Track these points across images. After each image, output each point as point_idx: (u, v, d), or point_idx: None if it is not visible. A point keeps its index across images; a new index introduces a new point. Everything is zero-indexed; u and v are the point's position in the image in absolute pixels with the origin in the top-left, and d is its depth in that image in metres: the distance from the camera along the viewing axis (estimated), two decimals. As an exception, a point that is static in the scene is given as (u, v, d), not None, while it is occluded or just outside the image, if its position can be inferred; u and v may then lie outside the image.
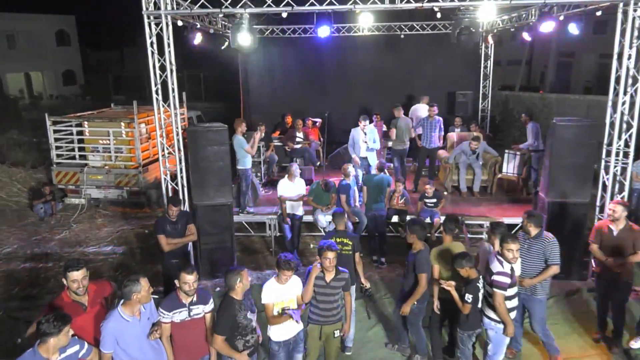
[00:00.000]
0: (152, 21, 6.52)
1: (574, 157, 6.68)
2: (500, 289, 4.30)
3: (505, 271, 4.33)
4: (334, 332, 4.57)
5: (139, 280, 3.70)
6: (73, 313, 3.56)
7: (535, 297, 4.92)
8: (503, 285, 4.30)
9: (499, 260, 4.40)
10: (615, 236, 5.16)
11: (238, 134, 7.95)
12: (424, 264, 4.85)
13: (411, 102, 11.97)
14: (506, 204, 8.90)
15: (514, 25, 9.98)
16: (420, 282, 4.86)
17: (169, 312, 3.91)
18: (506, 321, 4.34)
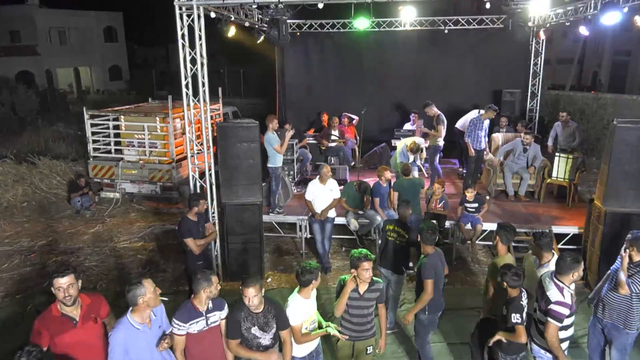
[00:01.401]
0: (183, 12, 6.31)
1: (636, 163, 6.04)
2: (556, 320, 3.75)
3: (566, 302, 3.76)
4: (366, 349, 4.21)
5: (142, 282, 3.43)
6: (61, 329, 3.32)
7: (624, 330, 4.32)
8: (561, 317, 3.75)
9: (558, 286, 3.81)
10: None
11: (269, 131, 7.67)
12: (430, 269, 4.47)
13: (453, 101, 11.40)
14: (555, 211, 8.24)
15: (570, 19, 9.22)
16: (425, 289, 4.48)
17: (185, 324, 3.63)
18: (558, 355, 3.83)
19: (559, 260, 3.90)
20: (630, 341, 4.40)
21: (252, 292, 3.61)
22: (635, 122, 6.21)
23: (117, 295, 6.68)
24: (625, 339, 4.36)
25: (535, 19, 10.43)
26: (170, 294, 6.69)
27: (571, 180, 8.64)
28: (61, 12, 31.66)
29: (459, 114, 10.48)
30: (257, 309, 3.68)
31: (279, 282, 7.22)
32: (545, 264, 4.43)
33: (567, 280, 3.83)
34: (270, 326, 3.73)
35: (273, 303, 3.82)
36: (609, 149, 6.24)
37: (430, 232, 4.62)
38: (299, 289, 3.93)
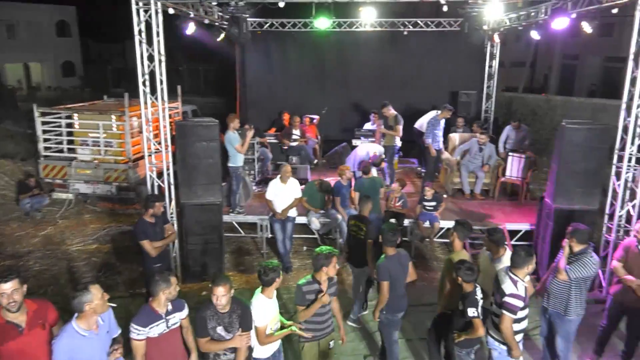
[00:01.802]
0: (140, 8, 6.15)
1: (583, 162, 6.33)
2: (510, 312, 3.90)
3: (520, 294, 3.93)
4: (329, 344, 4.26)
5: (89, 288, 3.29)
6: (6, 336, 3.17)
7: (566, 317, 4.54)
8: (515, 309, 3.91)
9: (513, 280, 3.98)
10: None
11: (230, 130, 7.58)
12: (385, 271, 4.53)
13: (412, 101, 11.63)
14: (509, 208, 8.55)
15: (522, 24, 9.59)
16: (380, 290, 4.53)
17: (144, 328, 3.52)
18: (512, 345, 3.98)
19: (513, 255, 4.07)
20: (573, 329, 4.63)
21: (222, 291, 3.57)
22: (582, 123, 6.52)
23: (69, 300, 6.45)
24: (568, 326, 4.57)
25: (490, 22, 10.77)
26: (127, 297, 6.53)
27: (523, 179, 8.99)
28: (9, 5, 30.13)
29: (417, 114, 10.68)
30: (223, 308, 3.64)
31: (240, 282, 7.15)
32: (499, 259, 4.59)
33: (521, 274, 4.00)
34: (234, 326, 3.69)
35: (240, 304, 3.78)
36: (557, 149, 6.53)
37: (391, 233, 4.67)
38: (262, 289, 3.90)
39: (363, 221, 5.84)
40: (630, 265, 4.81)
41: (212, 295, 3.60)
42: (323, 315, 4.15)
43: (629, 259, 4.84)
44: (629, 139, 6.11)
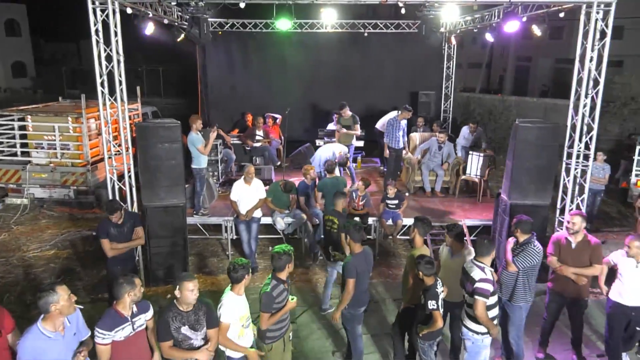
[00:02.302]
0: (97, 7, 6.02)
1: (535, 159, 6.62)
2: (483, 296, 4.08)
3: (489, 278, 4.14)
4: (289, 336, 4.36)
5: (55, 289, 3.22)
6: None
7: (517, 304, 4.77)
8: (486, 293, 4.09)
9: (480, 267, 4.19)
10: (574, 249, 4.97)
11: (193, 132, 7.52)
12: (352, 269, 4.61)
13: (373, 102, 11.83)
14: (468, 205, 8.85)
15: (477, 26, 9.94)
16: (346, 287, 4.62)
17: (109, 332, 3.47)
18: (489, 326, 4.14)
19: (478, 244, 4.30)
20: (522, 316, 4.87)
21: (191, 286, 3.56)
22: (535, 122, 6.82)
23: (28, 308, 6.25)
24: (517, 313, 4.81)
25: (447, 25, 11.10)
26: (88, 303, 6.36)
27: (482, 176, 9.31)
28: (-47, 2, 28.71)
29: (379, 114, 10.89)
30: (187, 307, 3.63)
31: (206, 284, 7.09)
32: (458, 254, 4.76)
33: (486, 261, 4.24)
34: (201, 324, 3.69)
35: (203, 302, 3.78)
36: (512, 147, 6.80)
37: (356, 229, 4.74)
38: (231, 287, 3.92)
39: (337, 215, 6.03)
40: (562, 258, 5.00)
41: (182, 291, 3.58)
42: (285, 314, 4.20)
43: (560, 252, 5.02)
44: (577, 137, 6.45)
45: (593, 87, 6.30)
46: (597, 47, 6.18)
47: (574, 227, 4.91)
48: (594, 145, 6.51)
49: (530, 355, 5.37)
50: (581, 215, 4.99)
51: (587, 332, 5.78)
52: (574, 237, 4.96)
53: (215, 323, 3.78)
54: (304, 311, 6.33)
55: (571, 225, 4.93)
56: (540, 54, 28.58)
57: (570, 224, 4.96)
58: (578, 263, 4.96)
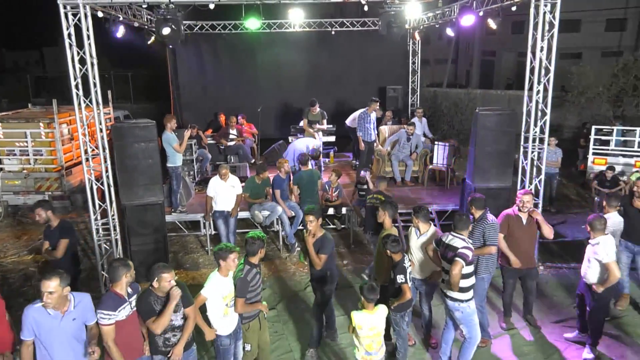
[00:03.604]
0: (68, 11, 6.14)
1: (495, 145, 7.05)
2: (462, 259, 4.40)
3: (469, 246, 4.52)
4: (264, 314, 4.63)
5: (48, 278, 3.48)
6: None
7: (479, 275, 5.12)
8: (466, 257, 4.42)
9: (460, 238, 4.55)
10: (525, 225, 5.35)
11: (167, 131, 7.69)
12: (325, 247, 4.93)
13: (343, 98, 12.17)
14: (436, 192, 9.27)
15: (439, 22, 10.37)
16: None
17: (114, 312, 3.71)
18: (455, 286, 4.44)
19: (457, 220, 4.68)
20: (485, 286, 5.29)
21: (169, 277, 3.79)
22: (494, 109, 7.27)
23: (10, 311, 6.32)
24: (481, 284, 5.20)
25: (411, 21, 11.52)
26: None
27: (448, 165, 9.75)
28: None
29: (348, 110, 11.25)
30: (164, 293, 3.86)
31: (186, 279, 7.26)
32: (425, 233, 5.11)
33: (465, 234, 4.62)
34: (179, 306, 3.92)
35: (178, 283, 3.98)
36: (473, 134, 7.22)
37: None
38: (218, 269, 4.19)
39: (381, 194, 6.60)
40: (514, 233, 5.36)
41: (161, 282, 3.79)
42: (257, 295, 4.47)
43: (511, 227, 5.38)
44: (532, 122, 6.90)
45: (544, 76, 6.75)
46: (547, 38, 6.63)
47: (528, 205, 5.31)
48: (547, 130, 6.97)
49: (495, 326, 5.78)
50: (530, 193, 5.40)
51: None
52: (525, 215, 5.35)
53: (190, 302, 4.02)
54: (280, 301, 6.58)
55: (522, 203, 5.32)
56: (504, 49, 29.52)
57: (521, 202, 5.33)
58: (530, 237, 5.39)
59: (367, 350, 4.26)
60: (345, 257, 7.88)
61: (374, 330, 4.23)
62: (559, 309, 6.20)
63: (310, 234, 4.91)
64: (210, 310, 4.20)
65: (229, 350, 4.34)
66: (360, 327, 4.20)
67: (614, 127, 10.91)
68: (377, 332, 4.25)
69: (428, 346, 5.43)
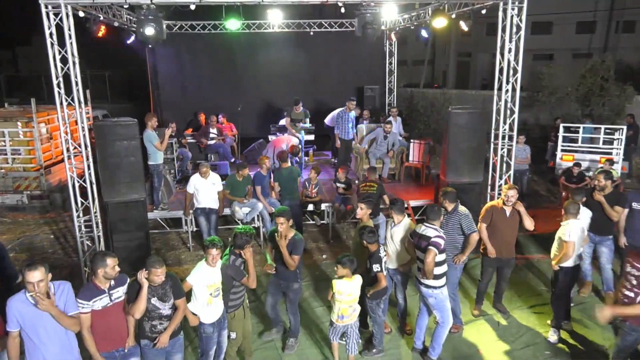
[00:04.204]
0: (50, 11, 6.22)
1: (467, 142, 7.38)
2: (435, 247, 4.67)
3: (442, 235, 4.79)
4: (247, 303, 4.85)
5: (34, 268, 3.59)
6: None
7: (452, 264, 5.41)
8: (439, 246, 4.70)
9: (433, 227, 4.82)
10: (509, 217, 5.60)
11: (148, 129, 7.80)
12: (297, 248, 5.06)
13: (321, 97, 12.41)
14: (412, 188, 9.58)
15: (414, 24, 10.69)
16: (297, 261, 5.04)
17: (88, 301, 3.85)
18: (429, 274, 4.71)
19: (430, 211, 4.94)
20: (458, 274, 5.60)
21: (159, 272, 3.93)
22: (465, 108, 7.60)
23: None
24: (454, 272, 5.49)
25: (387, 23, 11.83)
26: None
27: (423, 162, 10.08)
28: None
29: (327, 109, 11.50)
30: (155, 282, 4.02)
31: (169, 275, 7.39)
32: (399, 224, 5.37)
33: (436, 224, 4.89)
34: (168, 296, 4.08)
35: (170, 275, 4.18)
36: (446, 132, 7.54)
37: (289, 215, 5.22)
38: (205, 259, 4.39)
39: (375, 182, 7.27)
40: (497, 224, 5.63)
41: (151, 275, 3.95)
42: (240, 286, 4.69)
43: (495, 218, 5.65)
44: (502, 120, 7.25)
45: (512, 76, 7.11)
46: (514, 40, 6.98)
47: (512, 199, 5.57)
48: (516, 127, 7.32)
49: (467, 313, 6.08)
50: (516, 188, 5.70)
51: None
52: (509, 208, 5.62)
53: (181, 294, 4.19)
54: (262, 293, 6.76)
55: (507, 198, 5.58)
56: (479, 50, 30.19)
57: (509, 197, 5.58)
58: (512, 229, 5.66)
59: (342, 314, 4.76)
60: (324, 251, 8.12)
61: (352, 295, 4.72)
62: (526, 296, 6.54)
63: (283, 236, 4.93)
64: (194, 298, 4.38)
65: (212, 337, 4.52)
66: (340, 292, 4.67)
67: (581, 125, 11.40)
68: (354, 298, 4.75)
69: (403, 333, 5.69)
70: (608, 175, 6.20)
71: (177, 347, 4.28)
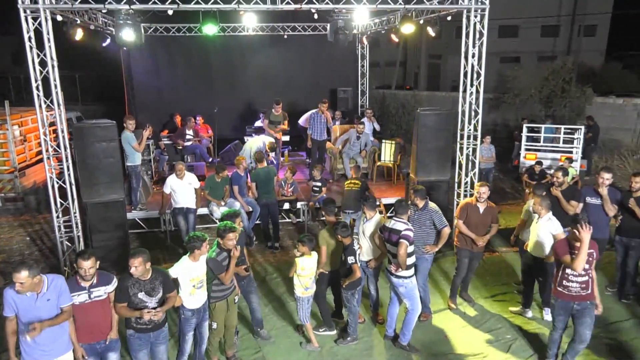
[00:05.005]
0: (29, 15, 6.32)
1: (435, 141, 7.78)
2: (407, 240, 4.98)
3: (411, 228, 5.11)
4: (234, 300, 5.05)
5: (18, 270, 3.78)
6: None
7: (423, 256, 5.76)
8: (409, 238, 5.01)
9: (402, 221, 5.13)
10: (482, 213, 5.92)
11: (126, 131, 7.93)
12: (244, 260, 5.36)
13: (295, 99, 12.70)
14: (384, 187, 9.96)
15: (384, 28, 11.08)
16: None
17: None
18: (403, 265, 5.01)
19: (398, 206, 5.26)
20: (428, 266, 5.93)
21: (136, 262, 4.10)
22: (433, 109, 8.00)
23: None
24: (425, 264, 5.84)
25: (359, 27, 12.20)
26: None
27: (395, 162, 10.47)
28: None
29: (301, 111, 11.80)
30: (143, 276, 4.22)
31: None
32: (371, 220, 5.69)
33: (405, 218, 5.20)
34: (156, 291, 4.29)
35: (161, 272, 4.39)
36: (415, 132, 7.93)
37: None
38: (189, 254, 4.64)
39: (358, 180, 7.75)
40: (471, 221, 5.97)
41: (129, 267, 4.15)
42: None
43: (469, 215, 6.00)
44: (467, 120, 7.67)
45: (476, 79, 7.54)
46: (477, 45, 7.41)
47: (484, 196, 5.91)
48: (480, 127, 7.76)
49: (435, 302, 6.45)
50: (488, 185, 6.03)
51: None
52: (482, 204, 5.96)
53: (171, 288, 4.43)
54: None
55: (482, 194, 5.90)
56: (449, 52, 30.94)
57: (481, 194, 5.91)
58: (484, 225, 5.98)
59: (305, 286, 5.35)
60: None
61: (312, 270, 5.34)
62: (490, 286, 6.96)
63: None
64: (178, 287, 4.63)
65: (190, 321, 4.75)
66: (303, 268, 5.27)
67: (542, 125, 12.01)
68: (313, 272, 5.37)
69: (376, 322, 6.02)
70: (565, 172, 6.67)
71: (162, 338, 4.48)
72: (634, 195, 6.23)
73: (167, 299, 4.39)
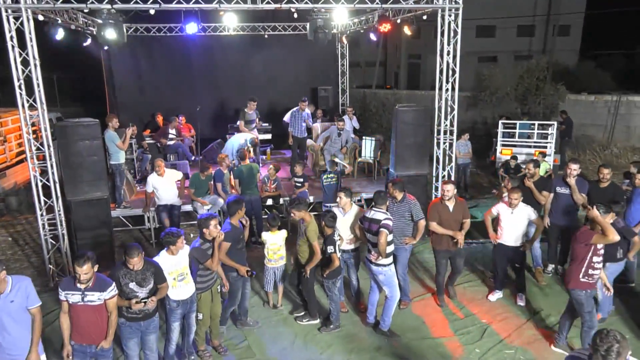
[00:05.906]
0: (10, 15, 6.36)
1: (413, 137, 8.03)
2: (386, 229, 5.16)
3: (390, 217, 5.31)
4: (217, 289, 5.22)
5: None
6: None
7: (402, 247, 5.96)
8: (389, 227, 5.20)
9: (381, 211, 5.32)
10: (452, 211, 5.92)
11: (110, 129, 8.01)
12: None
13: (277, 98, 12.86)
14: (365, 182, 10.20)
15: (363, 28, 11.32)
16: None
17: (62, 291, 4.15)
18: (382, 253, 5.19)
19: (377, 197, 5.46)
20: (407, 256, 6.14)
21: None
22: (411, 106, 8.26)
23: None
24: (404, 254, 6.07)
25: (338, 26, 12.41)
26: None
27: (375, 158, 10.71)
28: None
29: (282, 110, 11.96)
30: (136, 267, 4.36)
31: (133, 270, 7.62)
32: (349, 212, 5.89)
33: (383, 208, 5.41)
34: (147, 282, 4.43)
35: (152, 263, 4.52)
36: (394, 128, 8.17)
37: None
38: (166, 249, 4.78)
39: (334, 173, 7.98)
40: (443, 220, 5.98)
41: (128, 263, 4.30)
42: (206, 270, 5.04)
43: (438, 211, 6.00)
44: (443, 116, 7.94)
45: (452, 76, 7.81)
46: (452, 44, 7.68)
47: (448, 193, 5.91)
48: (456, 123, 8.03)
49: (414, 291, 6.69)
50: (452, 182, 6.11)
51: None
52: (450, 202, 5.95)
53: (162, 279, 4.57)
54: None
55: (446, 192, 5.92)
56: (429, 52, 31.34)
57: (445, 192, 5.93)
58: (456, 222, 5.99)
59: (269, 258, 6.06)
60: (283, 243, 8.56)
61: (275, 245, 6.05)
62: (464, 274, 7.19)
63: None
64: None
65: (175, 312, 4.87)
66: (266, 241, 6.03)
67: (517, 122, 12.39)
68: (278, 247, 6.06)
69: (358, 311, 6.23)
70: (536, 164, 6.98)
71: (152, 327, 4.60)
72: (601, 185, 6.57)
73: (159, 289, 4.52)
